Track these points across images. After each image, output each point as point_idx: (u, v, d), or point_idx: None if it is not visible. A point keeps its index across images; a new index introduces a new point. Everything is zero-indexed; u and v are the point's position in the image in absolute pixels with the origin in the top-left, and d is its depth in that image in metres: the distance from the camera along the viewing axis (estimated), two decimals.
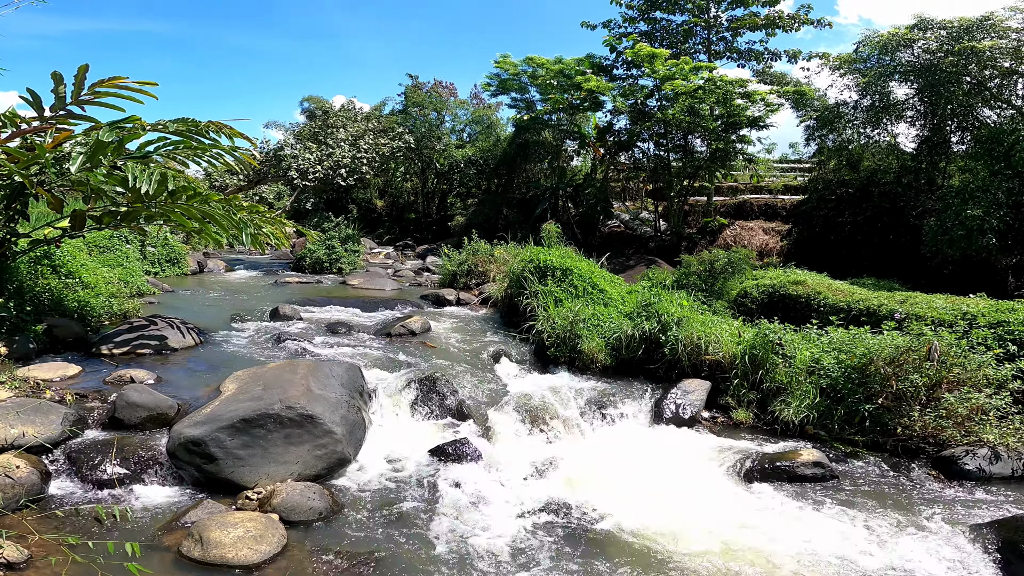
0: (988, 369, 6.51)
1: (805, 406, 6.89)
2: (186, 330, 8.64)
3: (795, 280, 9.87)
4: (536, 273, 10.63)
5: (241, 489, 5.19)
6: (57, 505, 4.73)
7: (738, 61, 22.01)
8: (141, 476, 5.22)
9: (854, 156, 16.85)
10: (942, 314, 7.47)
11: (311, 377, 6.05)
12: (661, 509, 5.24)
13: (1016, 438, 6.13)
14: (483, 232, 17.96)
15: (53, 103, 7.51)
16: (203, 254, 19.75)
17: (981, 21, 13.40)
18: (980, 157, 12.69)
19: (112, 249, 13.12)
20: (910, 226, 14.33)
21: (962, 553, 4.69)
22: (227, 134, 8.04)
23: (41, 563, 3.98)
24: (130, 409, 5.82)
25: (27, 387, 6.08)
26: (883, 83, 15.14)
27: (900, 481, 5.95)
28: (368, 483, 5.60)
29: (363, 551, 4.50)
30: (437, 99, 29.31)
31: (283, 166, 21.70)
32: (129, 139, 7.24)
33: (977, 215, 11.54)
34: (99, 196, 7.59)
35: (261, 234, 8.65)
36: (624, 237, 21.88)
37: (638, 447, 6.62)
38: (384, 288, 15.77)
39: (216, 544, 4.27)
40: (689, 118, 17.62)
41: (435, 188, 32.15)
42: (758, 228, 19.29)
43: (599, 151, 22.74)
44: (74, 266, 9.51)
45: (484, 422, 6.83)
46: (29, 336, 7.33)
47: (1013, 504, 5.48)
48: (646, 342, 8.39)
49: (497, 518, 5.07)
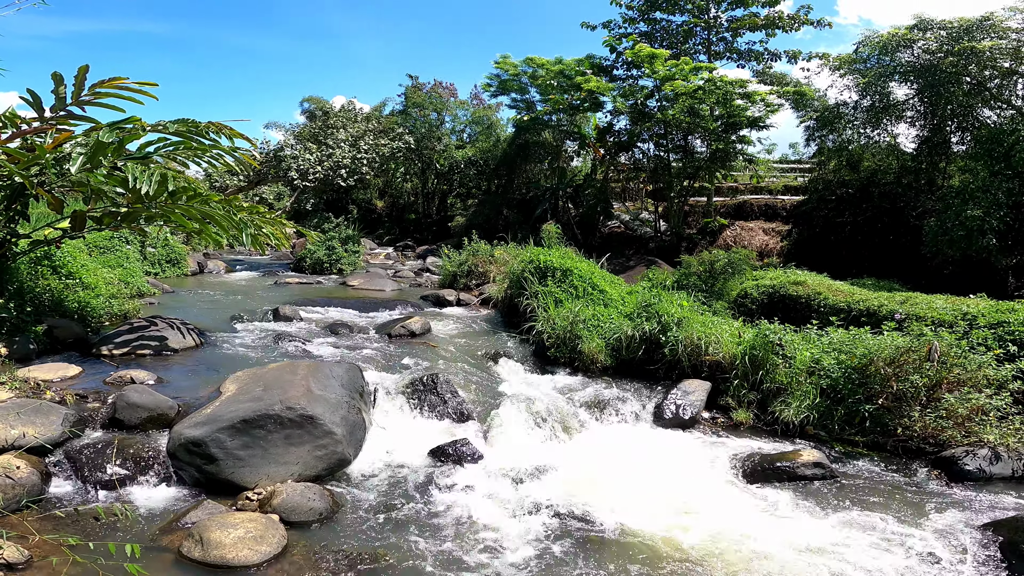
0: (988, 369, 6.51)
1: (805, 406, 6.89)
2: (186, 331, 8.64)
3: (795, 281, 9.87)
4: (536, 274, 10.63)
5: (241, 490, 5.20)
6: (57, 506, 4.74)
7: (738, 61, 22.03)
8: (141, 477, 5.22)
9: (854, 156, 16.85)
10: (942, 314, 7.47)
11: (311, 378, 6.05)
12: (662, 510, 5.24)
13: (1016, 438, 6.13)
14: (483, 233, 17.96)
15: (53, 104, 7.51)
16: (203, 255, 19.76)
17: (981, 21, 13.40)
18: (980, 157, 12.69)
19: (112, 250, 13.13)
20: (910, 226, 14.33)
21: (963, 554, 4.69)
22: (227, 135, 8.04)
23: (41, 564, 3.98)
24: (130, 410, 5.81)
25: (27, 388, 6.08)
26: (883, 83, 15.15)
27: (900, 482, 5.95)
28: (368, 484, 5.60)
29: (363, 552, 4.50)
30: (437, 99, 29.32)
31: (283, 167, 21.71)
32: (129, 140, 7.24)
33: (977, 215, 11.54)
34: (99, 197, 7.59)
35: (261, 235, 8.65)
36: (624, 238, 21.89)
37: (638, 448, 6.61)
38: (384, 289, 15.77)
39: (216, 545, 4.27)
40: (689, 118, 17.62)
41: (435, 189, 32.16)
42: (758, 228, 19.29)
43: (599, 152, 22.74)
44: (74, 267, 9.51)
45: (484, 423, 6.83)
46: (29, 337, 7.33)
47: (1014, 505, 5.47)
48: (646, 343, 8.39)
49: (497, 519, 5.07)
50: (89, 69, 7.36)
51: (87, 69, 7.34)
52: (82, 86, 7.44)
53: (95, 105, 7.67)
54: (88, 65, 7.33)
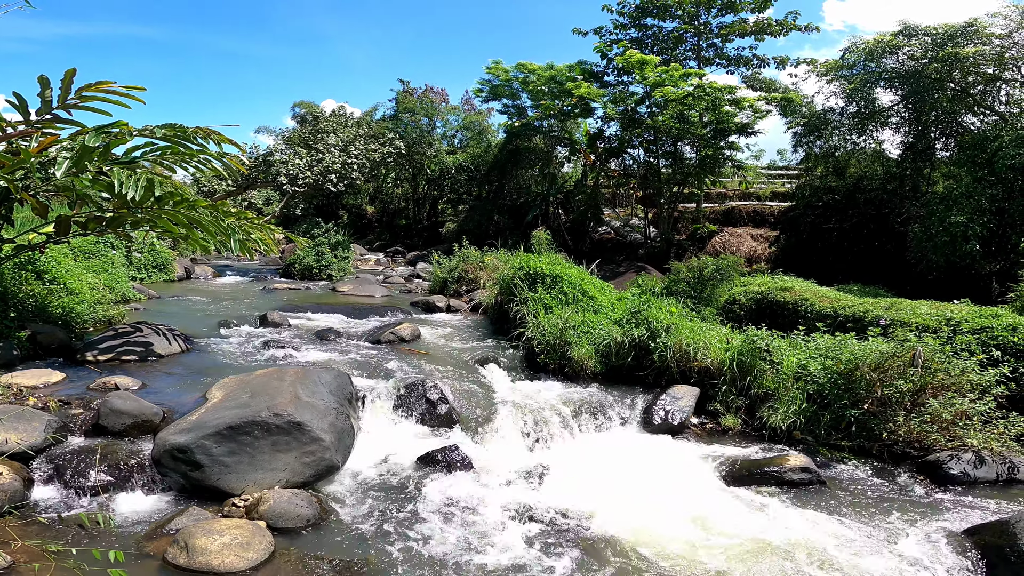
0: (972, 374, 6.57)
1: (792, 412, 6.93)
2: (172, 336, 8.58)
3: (782, 287, 9.93)
4: (526, 280, 10.64)
5: (228, 496, 5.16)
6: (40, 512, 4.69)
7: (727, 67, 22.15)
8: (126, 483, 5.17)
9: (840, 163, 17.02)
10: (927, 320, 7.54)
11: (299, 384, 6.02)
12: (650, 515, 5.25)
13: (1000, 442, 6.20)
14: (474, 238, 17.95)
15: (39, 107, 7.44)
16: (191, 260, 19.62)
17: (965, 27, 13.58)
18: (964, 163, 12.85)
19: (98, 255, 13.01)
20: (895, 232, 14.47)
21: (947, 557, 4.73)
22: (215, 140, 8.00)
23: (24, 569, 3.94)
24: (114, 416, 5.76)
25: (10, 394, 6.02)
26: (869, 89, 15.31)
27: (886, 486, 6.00)
28: (357, 490, 5.57)
29: (351, 558, 4.48)
30: (428, 105, 29.31)
31: (272, 171, 21.61)
32: (116, 144, 7.18)
33: (961, 221, 11.67)
34: (85, 201, 7.52)
35: (250, 240, 8.60)
36: (614, 244, 21.96)
37: (627, 453, 6.63)
38: (374, 295, 15.72)
39: (202, 551, 4.23)
40: (679, 125, 17.72)
41: (426, 194, 32.14)
42: (746, 234, 19.41)
43: (590, 157, 22.81)
44: (59, 272, 9.42)
45: (473, 429, 6.82)
46: (12, 343, 7.26)
47: (997, 508, 5.53)
48: (635, 349, 8.41)
49: (486, 524, 5.06)
50: (76, 72, 7.29)
51: (74, 72, 7.28)
52: (69, 90, 7.38)
53: (82, 109, 7.60)
54: (75, 69, 7.26)
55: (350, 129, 24.21)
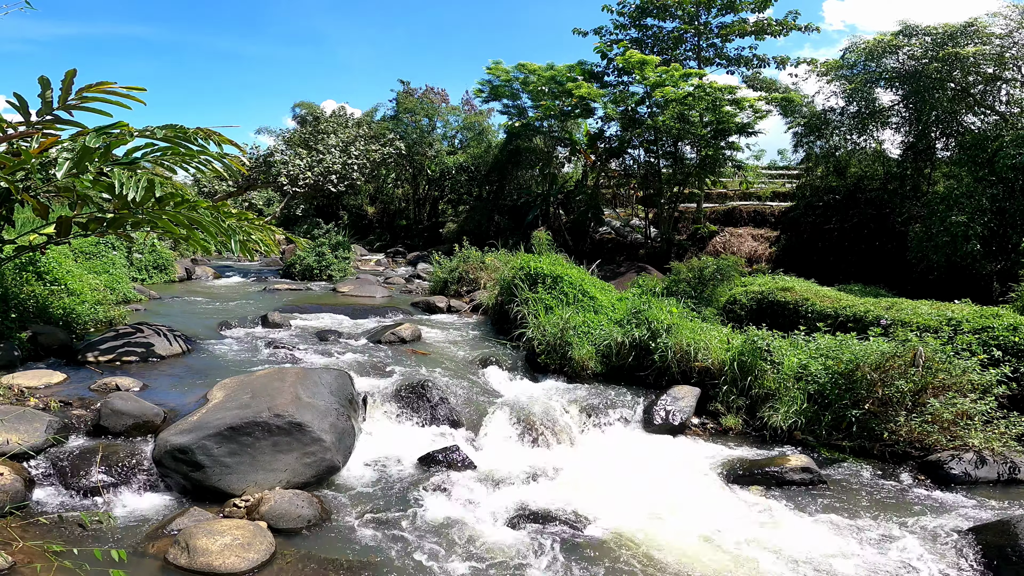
0: (973, 374, 6.57)
1: (793, 412, 6.92)
2: (173, 337, 8.58)
3: (783, 287, 9.93)
4: (527, 280, 10.64)
5: (228, 497, 5.16)
6: (41, 512, 4.69)
7: (728, 67, 22.14)
8: (127, 484, 5.17)
9: (841, 163, 17.01)
10: (927, 320, 7.54)
11: (300, 385, 6.02)
12: (651, 515, 5.25)
13: (1001, 442, 6.20)
14: (474, 239, 17.94)
15: (40, 108, 7.44)
16: (191, 260, 19.62)
17: (965, 27, 13.56)
18: (964, 163, 12.84)
19: (98, 255, 13.01)
20: (896, 232, 14.46)
21: (948, 557, 4.73)
22: (216, 141, 8.00)
23: (25, 570, 3.94)
24: (115, 417, 5.76)
25: (11, 394, 6.02)
26: (869, 89, 15.29)
27: (887, 486, 5.99)
28: (357, 491, 5.57)
29: (352, 559, 4.48)
30: (428, 105, 29.30)
31: (273, 172, 21.61)
32: (116, 145, 7.19)
33: (961, 221, 11.67)
34: (85, 202, 7.53)
35: (250, 241, 8.60)
36: (615, 244, 21.95)
37: (628, 454, 6.63)
38: (374, 295, 15.73)
39: (203, 552, 4.23)
40: (679, 125, 17.71)
41: (426, 195, 32.13)
42: (747, 235, 19.40)
43: (590, 158, 22.80)
44: (60, 273, 9.42)
45: (474, 429, 6.82)
46: (13, 343, 7.26)
47: (999, 508, 5.52)
48: (636, 349, 8.41)
49: (487, 525, 5.06)
50: (77, 73, 7.30)
51: (74, 73, 7.28)
52: (69, 90, 7.38)
53: (82, 110, 7.61)
54: (75, 69, 7.27)
55: (350, 130, 24.22)
